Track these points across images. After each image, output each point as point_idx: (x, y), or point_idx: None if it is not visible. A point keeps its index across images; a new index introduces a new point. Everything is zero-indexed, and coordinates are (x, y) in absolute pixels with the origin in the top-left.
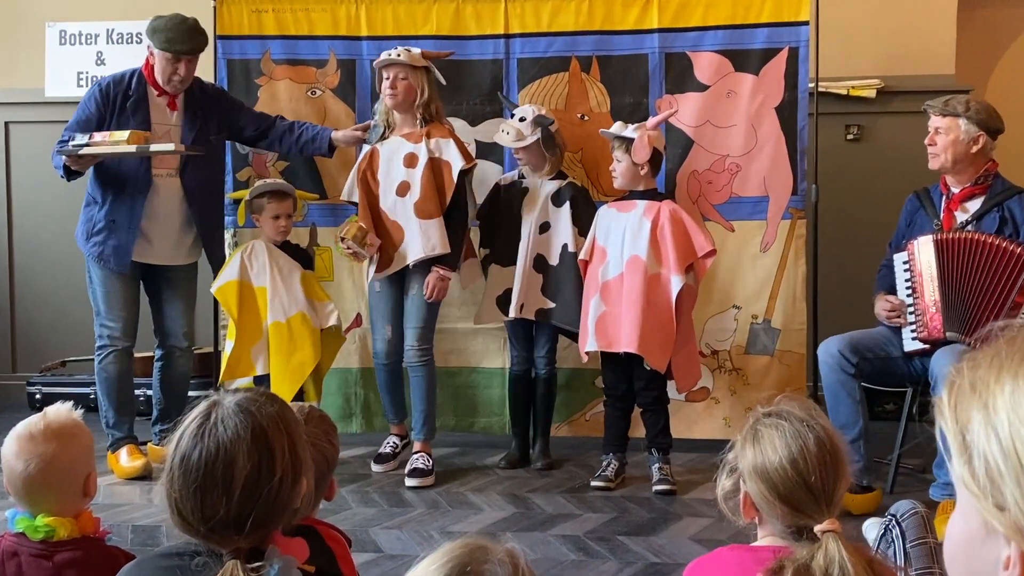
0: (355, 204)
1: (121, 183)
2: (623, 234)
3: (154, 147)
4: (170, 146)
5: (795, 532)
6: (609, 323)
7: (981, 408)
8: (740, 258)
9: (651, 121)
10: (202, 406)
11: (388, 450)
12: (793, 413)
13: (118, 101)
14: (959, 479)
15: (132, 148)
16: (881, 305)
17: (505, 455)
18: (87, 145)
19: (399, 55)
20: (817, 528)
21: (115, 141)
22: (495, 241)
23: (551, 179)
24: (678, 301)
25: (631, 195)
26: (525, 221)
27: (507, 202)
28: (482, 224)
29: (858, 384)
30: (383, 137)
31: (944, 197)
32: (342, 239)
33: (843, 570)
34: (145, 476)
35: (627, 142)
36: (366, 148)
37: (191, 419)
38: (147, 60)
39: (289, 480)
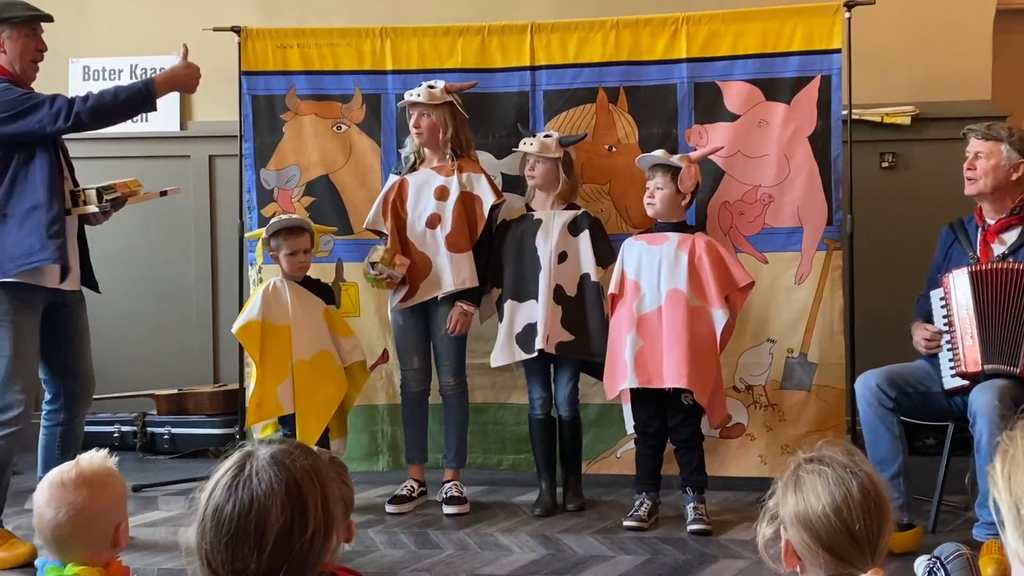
0: (377, 233)
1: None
2: (657, 267)
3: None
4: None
5: None
6: (648, 358)
7: None
8: (774, 290)
9: (696, 154)
10: (236, 456)
11: (405, 492)
12: (835, 459)
13: None
14: (1014, 554)
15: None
16: (920, 334)
17: (537, 502)
18: (113, 190)
19: (418, 96)
20: None
21: (136, 189)
22: (506, 276)
23: (564, 209)
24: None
25: (659, 227)
26: (542, 251)
27: (516, 236)
28: (487, 262)
29: (897, 419)
30: (412, 168)
31: (980, 229)
32: (372, 265)
33: None
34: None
35: (672, 170)
36: (394, 178)
37: (225, 470)
38: None
39: (321, 535)
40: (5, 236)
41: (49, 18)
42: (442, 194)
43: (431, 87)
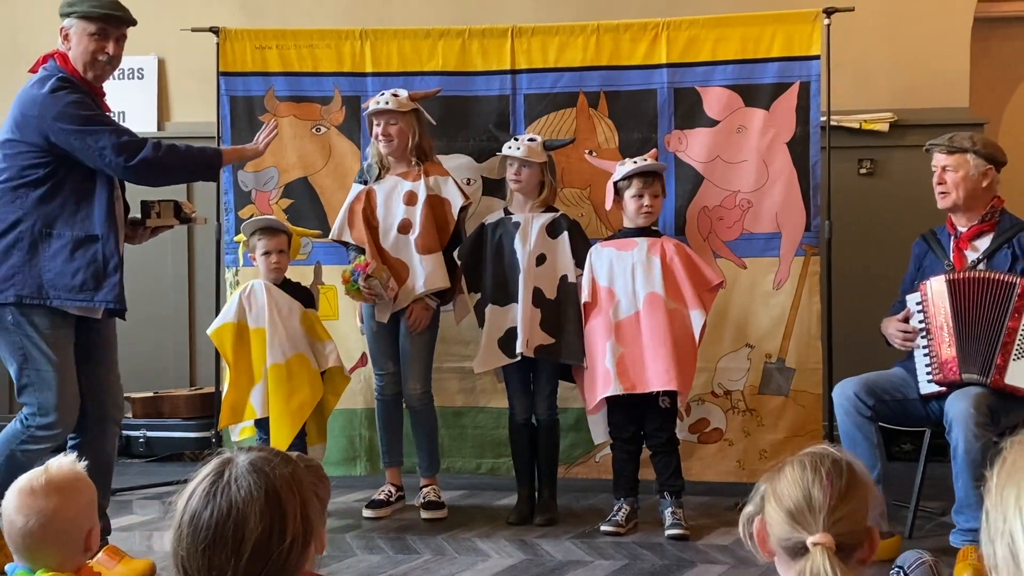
0: (345, 244)
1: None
2: (631, 272)
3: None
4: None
5: (792, 551)
6: (630, 364)
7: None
8: (753, 296)
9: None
10: (214, 463)
11: (383, 497)
12: (829, 448)
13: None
14: (1004, 562)
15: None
16: (895, 326)
17: (514, 510)
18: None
19: (387, 103)
20: (809, 540)
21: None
22: (486, 282)
23: (543, 212)
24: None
25: (624, 232)
26: (521, 254)
27: (494, 240)
28: (465, 266)
29: (875, 427)
30: (378, 177)
31: (952, 237)
32: (367, 277)
33: None
34: None
35: (661, 177)
36: (358, 188)
37: (203, 476)
38: (60, 53)
39: (300, 544)
40: (51, 258)
41: (124, 21)
42: (411, 199)
43: (396, 95)
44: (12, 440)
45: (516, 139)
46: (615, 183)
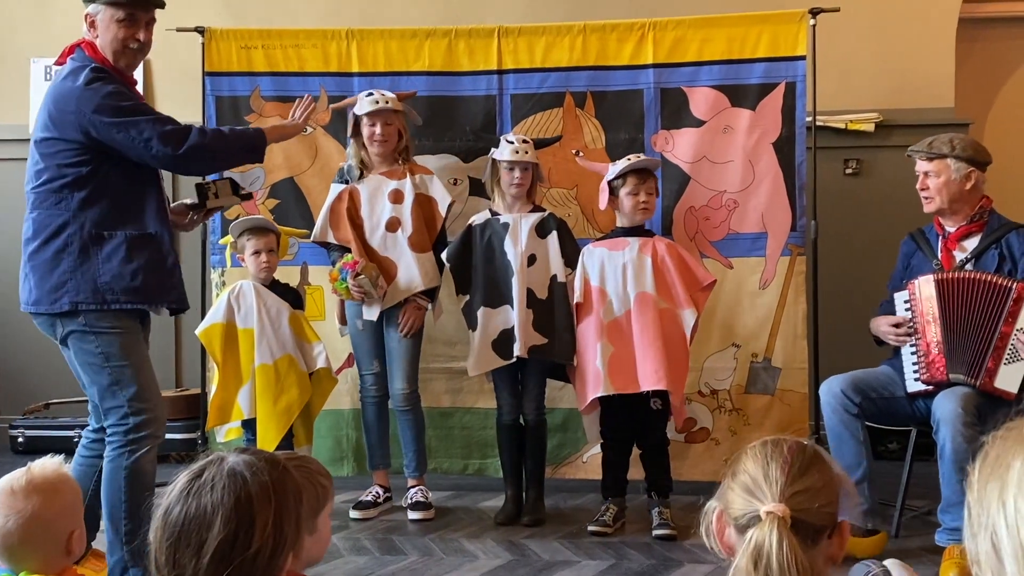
0: (327, 245)
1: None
2: (622, 272)
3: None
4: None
5: (746, 528)
6: (622, 364)
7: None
8: (739, 295)
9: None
10: (202, 462)
11: (370, 498)
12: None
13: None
14: (986, 557)
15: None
16: (886, 321)
17: (501, 510)
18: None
19: (388, 103)
20: (762, 509)
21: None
22: (476, 284)
23: (530, 212)
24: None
25: (616, 232)
26: (512, 255)
27: (484, 241)
28: (454, 268)
29: (861, 424)
30: (360, 177)
31: (940, 237)
32: (356, 275)
33: (781, 556)
34: None
35: (654, 176)
36: (339, 188)
37: (186, 473)
38: (87, 42)
39: (267, 554)
40: (105, 261)
41: (153, 3)
42: (397, 197)
43: (384, 95)
44: (119, 462)
45: (510, 142)
46: (609, 182)
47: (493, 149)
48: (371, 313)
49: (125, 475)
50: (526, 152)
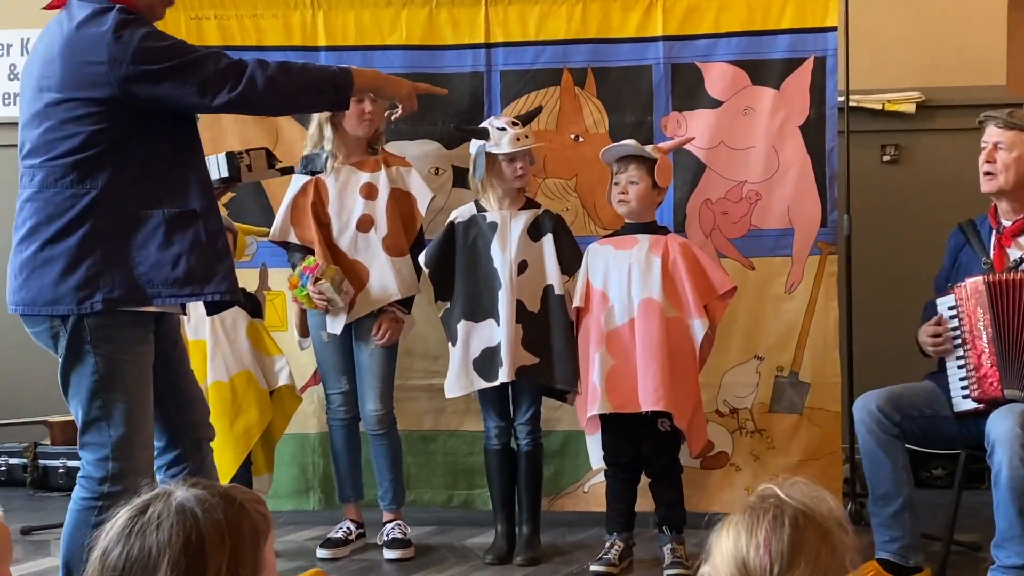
0: (287, 245)
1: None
2: (627, 274)
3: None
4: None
5: None
6: (621, 379)
7: None
8: (762, 301)
9: (667, 144)
10: (145, 496)
11: (340, 535)
12: (778, 492)
13: None
14: None
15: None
16: (927, 331)
17: (491, 548)
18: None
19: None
20: None
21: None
22: (457, 291)
23: (521, 208)
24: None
25: (627, 229)
26: (500, 262)
27: (467, 243)
28: (433, 273)
29: (901, 447)
30: (327, 167)
31: (994, 231)
32: (316, 280)
33: None
34: None
35: (648, 162)
36: (303, 180)
37: (128, 509)
38: None
39: None
40: (141, 247)
41: None
42: (370, 192)
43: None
44: (86, 517)
45: (501, 128)
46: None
47: (477, 141)
48: (335, 326)
49: (92, 531)
50: (527, 136)
